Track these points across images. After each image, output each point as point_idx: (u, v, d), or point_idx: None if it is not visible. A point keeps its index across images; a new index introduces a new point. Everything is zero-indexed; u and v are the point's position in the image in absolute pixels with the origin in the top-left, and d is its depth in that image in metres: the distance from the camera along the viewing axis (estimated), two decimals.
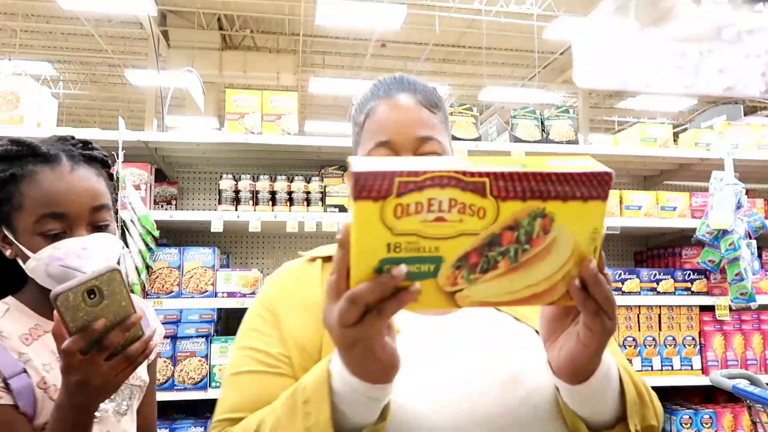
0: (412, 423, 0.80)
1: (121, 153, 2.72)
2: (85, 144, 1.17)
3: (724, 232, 2.98)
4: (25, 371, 1.03)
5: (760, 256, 3.27)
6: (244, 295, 2.80)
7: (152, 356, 1.30)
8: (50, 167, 1.09)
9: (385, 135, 0.93)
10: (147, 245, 2.69)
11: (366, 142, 0.95)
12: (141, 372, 1.23)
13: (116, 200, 1.24)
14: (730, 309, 3.09)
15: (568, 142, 3.17)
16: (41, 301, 1.12)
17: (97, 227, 1.11)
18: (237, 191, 2.91)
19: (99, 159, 1.17)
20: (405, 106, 0.94)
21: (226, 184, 2.91)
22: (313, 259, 1.02)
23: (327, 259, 1.01)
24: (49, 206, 1.06)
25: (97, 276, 0.87)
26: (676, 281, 3.12)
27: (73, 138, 1.17)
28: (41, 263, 1.06)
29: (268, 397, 0.83)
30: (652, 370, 3.03)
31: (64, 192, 1.07)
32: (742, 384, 2.07)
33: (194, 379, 2.70)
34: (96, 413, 1.06)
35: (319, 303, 0.87)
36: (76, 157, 1.12)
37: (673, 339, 3.07)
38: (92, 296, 0.87)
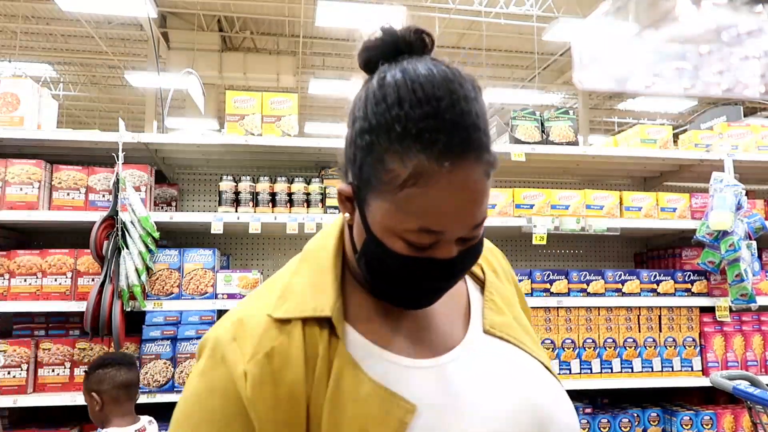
0: None
1: (121, 155, 2.72)
2: None
3: (724, 233, 2.98)
4: None
5: (760, 257, 3.26)
6: (244, 297, 2.79)
7: None
8: None
9: (440, 226, 0.73)
10: (147, 247, 2.69)
11: (405, 214, 0.73)
12: None
13: None
14: (731, 310, 3.09)
15: (568, 143, 3.18)
16: None
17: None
18: (237, 193, 2.91)
19: None
20: (472, 187, 0.72)
21: (226, 185, 2.91)
22: (286, 321, 0.78)
23: (307, 321, 0.77)
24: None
25: None
26: (676, 282, 3.12)
27: None
28: None
29: None
30: (652, 371, 3.03)
31: None
32: (743, 385, 2.07)
33: None
34: None
35: (303, 394, 0.73)
36: None
37: (674, 340, 3.07)
38: None
